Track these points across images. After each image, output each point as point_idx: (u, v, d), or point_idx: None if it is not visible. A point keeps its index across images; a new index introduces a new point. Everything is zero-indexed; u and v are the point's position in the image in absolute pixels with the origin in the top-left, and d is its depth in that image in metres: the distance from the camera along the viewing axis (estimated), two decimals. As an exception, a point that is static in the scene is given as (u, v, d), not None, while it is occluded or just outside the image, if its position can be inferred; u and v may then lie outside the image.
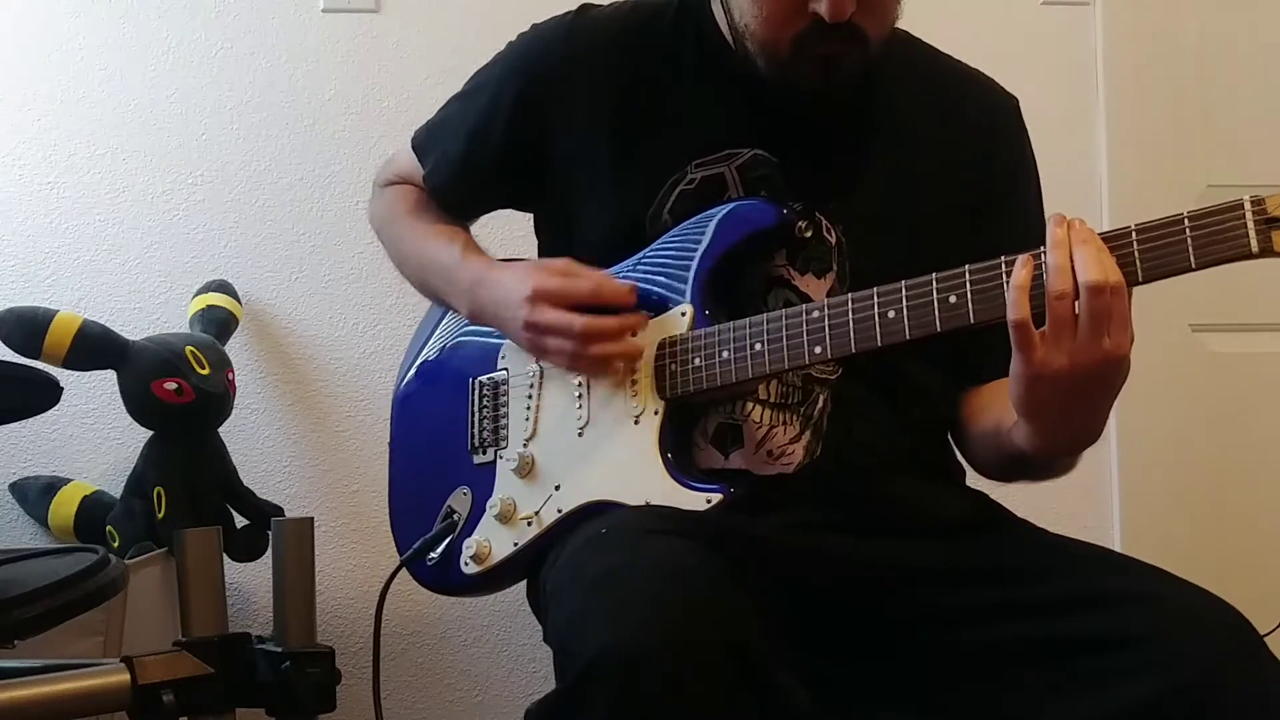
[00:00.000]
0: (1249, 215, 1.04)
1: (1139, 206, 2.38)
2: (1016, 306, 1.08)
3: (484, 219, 1.63)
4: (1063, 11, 2.46)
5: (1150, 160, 2.42)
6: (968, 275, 1.15)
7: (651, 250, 1.36)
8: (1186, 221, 1.06)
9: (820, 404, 1.32)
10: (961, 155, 1.38)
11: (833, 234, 1.33)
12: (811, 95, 1.31)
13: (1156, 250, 1.07)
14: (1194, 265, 1.06)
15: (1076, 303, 1.07)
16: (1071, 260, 1.07)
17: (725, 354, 1.27)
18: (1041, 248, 1.10)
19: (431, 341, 1.55)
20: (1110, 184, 2.42)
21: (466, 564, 1.40)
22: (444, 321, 1.55)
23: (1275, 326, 2.49)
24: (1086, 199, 2.39)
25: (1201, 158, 2.46)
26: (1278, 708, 1.03)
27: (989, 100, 1.44)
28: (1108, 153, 2.44)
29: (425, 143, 1.54)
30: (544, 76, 1.42)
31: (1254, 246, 1.03)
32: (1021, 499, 1.37)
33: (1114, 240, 1.09)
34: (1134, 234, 1.08)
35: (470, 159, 1.47)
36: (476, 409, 1.46)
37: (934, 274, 1.16)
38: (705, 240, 1.32)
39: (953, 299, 1.15)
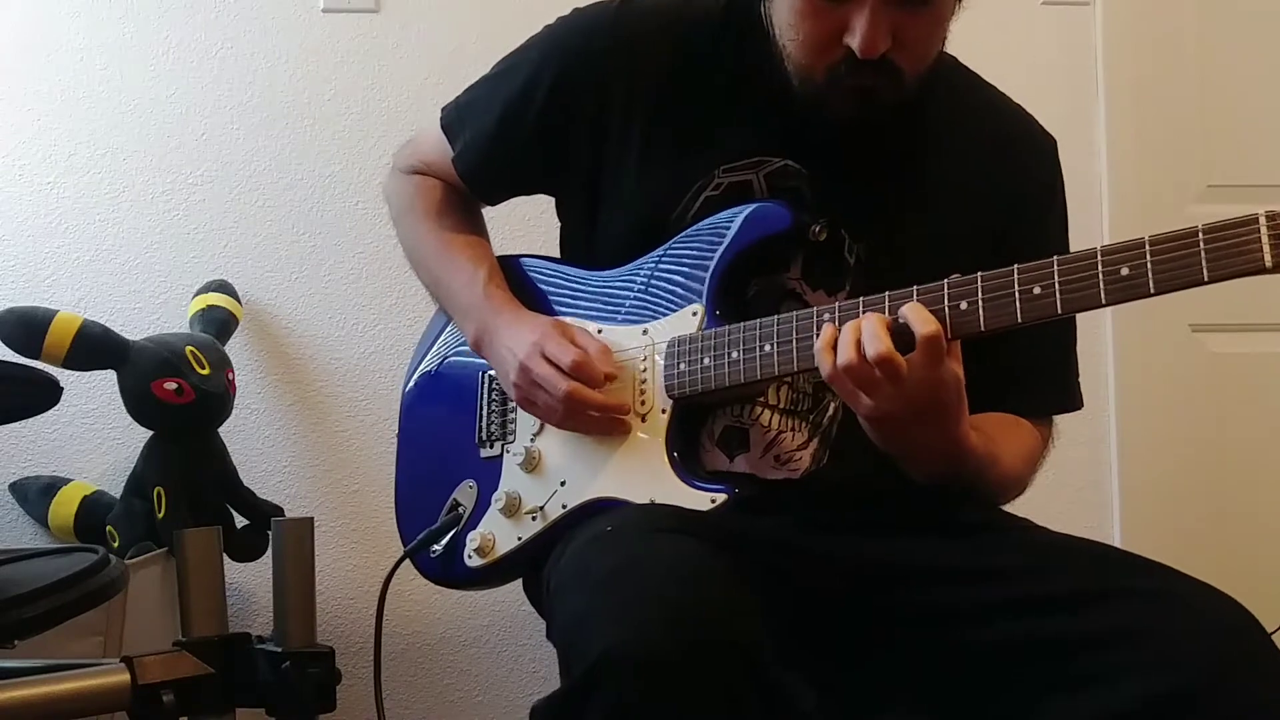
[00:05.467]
0: (1264, 229, 1.02)
1: (1139, 207, 2.41)
2: (823, 366, 1.17)
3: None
4: (1063, 11, 2.46)
5: (1150, 160, 2.43)
6: (980, 283, 1.15)
7: (669, 248, 1.35)
8: (1200, 235, 1.05)
9: (830, 412, 1.32)
10: (993, 188, 1.37)
11: (853, 253, 1.33)
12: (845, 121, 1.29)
13: (1169, 262, 1.06)
14: (1207, 279, 1.05)
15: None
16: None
17: (735, 354, 1.27)
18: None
19: (443, 336, 1.54)
20: (1110, 184, 2.42)
21: (470, 557, 1.40)
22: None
23: (1275, 326, 2.48)
24: (1086, 199, 2.39)
25: (1201, 158, 2.46)
26: None
27: (1027, 138, 1.43)
28: (1108, 153, 2.43)
29: (455, 122, 1.51)
30: (584, 62, 1.39)
31: (1268, 261, 1.02)
32: (1021, 500, 1.37)
33: (1126, 251, 1.08)
34: (1147, 246, 1.07)
35: (503, 138, 1.45)
36: (485, 403, 1.46)
37: (945, 280, 1.16)
38: (721, 241, 1.32)
39: (964, 305, 1.15)
